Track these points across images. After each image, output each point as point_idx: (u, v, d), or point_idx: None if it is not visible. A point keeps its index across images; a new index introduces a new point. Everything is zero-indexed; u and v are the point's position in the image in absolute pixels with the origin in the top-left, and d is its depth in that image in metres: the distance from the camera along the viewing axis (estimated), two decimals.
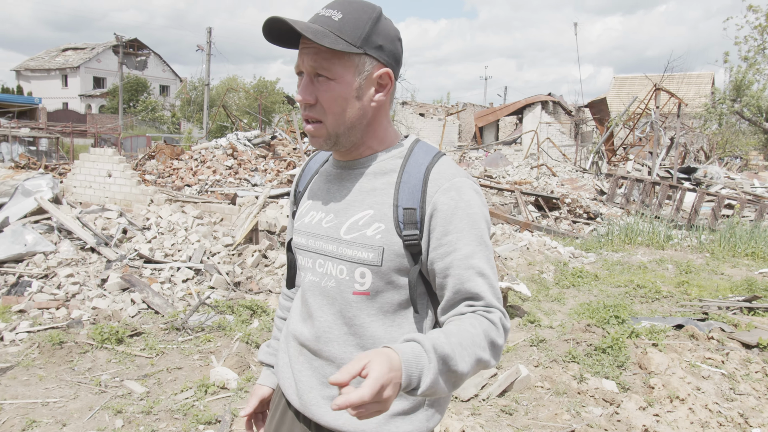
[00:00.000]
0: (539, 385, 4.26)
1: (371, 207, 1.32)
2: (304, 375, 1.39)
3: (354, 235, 1.32)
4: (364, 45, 1.26)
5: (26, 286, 6.03)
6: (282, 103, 38.90)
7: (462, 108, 34.46)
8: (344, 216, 1.35)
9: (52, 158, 24.73)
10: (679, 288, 7.62)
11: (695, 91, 27.80)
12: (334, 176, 1.42)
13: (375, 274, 1.29)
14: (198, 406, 3.83)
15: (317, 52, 1.25)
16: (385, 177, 1.34)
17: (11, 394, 3.91)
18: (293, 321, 1.47)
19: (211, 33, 36.24)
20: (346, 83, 1.28)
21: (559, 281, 7.81)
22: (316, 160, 1.55)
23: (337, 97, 1.28)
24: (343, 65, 1.26)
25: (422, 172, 1.31)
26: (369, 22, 1.27)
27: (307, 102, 1.29)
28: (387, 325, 1.33)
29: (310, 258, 1.40)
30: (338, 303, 1.34)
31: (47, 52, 58.45)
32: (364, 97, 1.30)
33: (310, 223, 1.42)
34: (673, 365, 4.60)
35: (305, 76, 1.29)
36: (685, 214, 13.44)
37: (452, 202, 1.27)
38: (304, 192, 1.51)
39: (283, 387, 1.47)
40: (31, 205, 7.91)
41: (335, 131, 1.31)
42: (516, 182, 16.47)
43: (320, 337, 1.37)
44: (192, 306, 5.74)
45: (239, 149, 14.75)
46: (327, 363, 1.37)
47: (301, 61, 1.29)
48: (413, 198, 1.29)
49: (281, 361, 1.50)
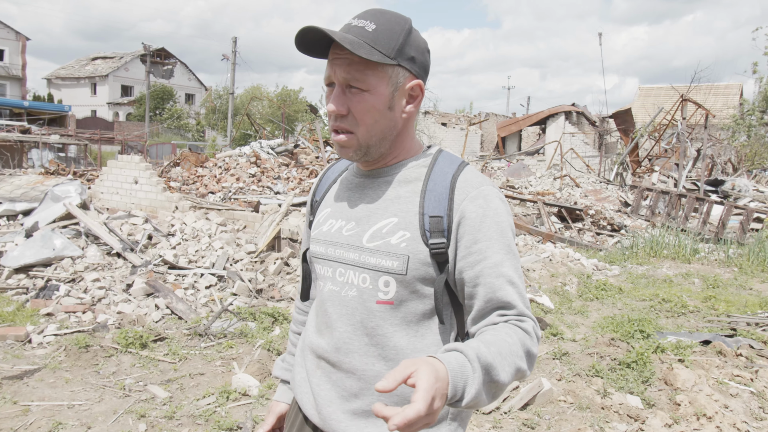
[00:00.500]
0: (562, 399, 4.21)
1: (395, 215, 1.31)
2: (323, 389, 1.36)
3: (378, 243, 1.30)
4: (398, 56, 1.27)
5: (54, 290, 6.14)
6: (305, 112, 39.17)
7: (484, 118, 34.37)
8: (367, 224, 1.33)
9: (80, 165, 25.19)
10: (706, 303, 7.49)
11: (723, 102, 27.39)
12: (356, 185, 1.41)
13: (399, 282, 1.27)
14: (220, 412, 3.86)
15: (350, 63, 1.24)
16: (409, 185, 1.34)
17: (38, 396, 3.98)
18: (309, 334, 1.44)
19: (236, 43, 36.69)
20: (380, 94, 1.27)
21: (582, 294, 7.72)
22: (334, 169, 1.53)
23: (370, 109, 1.27)
24: (377, 76, 1.26)
25: (448, 181, 1.30)
26: (402, 33, 1.27)
27: (340, 113, 1.28)
28: (410, 336, 1.30)
29: (330, 267, 1.37)
30: (360, 313, 1.31)
31: (77, 61, 59.68)
32: (395, 108, 1.31)
33: (329, 232, 1.39)
34: (700, 382, 4.51)
35: (337, 87, 1.28)
36: (712, 228, 13.22)
37: (480, 210, 1.26)
38: (321, 201, 1.49)
39: (300, 402, 1.44)
40: (60, 210, 8.06)
41: (366, 142, 1.31)
42: (539, 193, 16.35)
43: (340, 348, 1.33)
44: (215, 312, 5.79)
45: (262, 157, 14.88)
46: (347, 375, 1.33)
47: (332, 72, 1.27)
48: (440, 206, 1.28)
49: (298, 375, 1.47)
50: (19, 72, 47.14)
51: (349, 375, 1.32)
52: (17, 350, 4.81)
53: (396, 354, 1.30)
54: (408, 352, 1.30)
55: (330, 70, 1.28)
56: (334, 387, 1.34)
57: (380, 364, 1.30)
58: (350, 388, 1.32)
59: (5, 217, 8.90)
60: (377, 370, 1.30)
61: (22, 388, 4.08)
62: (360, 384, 1.31)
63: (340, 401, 1.33)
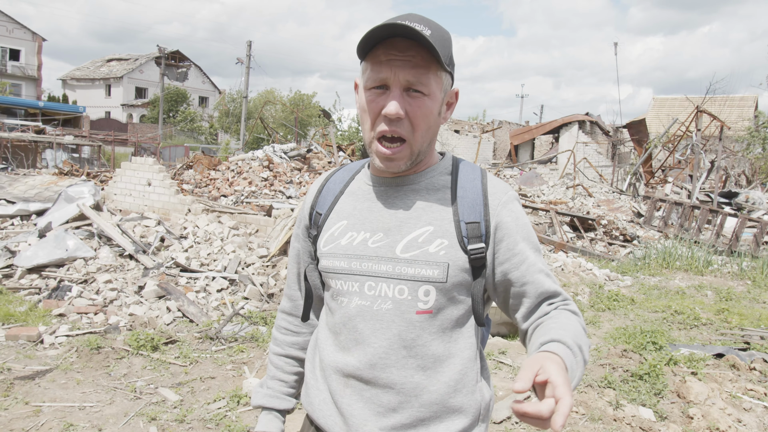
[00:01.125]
0: (573, 411, 4.17)
1: (430, 223, 1.30)
2: (356, 408, 1.31)
3: (415, 253, 1.28)
4: (449, 63, 1.28)
5: (66, 291, 6.18)
6: (318, 117, 39.32)
7: (497, 126, 34.33)
8: (398, 234, 1.31)
9: (94, 166, 25.39)
10: (719, 315, 7.41)
11: (738, 114, 27.20)
12: (377, 194, 1.37)
13: (439, 291, 1.27)
14: (230, 417, 3.86)
15: (414, 65, 1.22)
16: (438, 193, 1.34)
17: (50, 397, 3.99)
18: (329, 353, 1.38)
19: (251, 46, 36.92)
20: (436, 100, 1.28)
21: (594, 304, 7.67)
22: (334, 180, 1.47)
23: (428, 114, 1.27)
24: (436, 80, 1.26)
25: (479, 187, 1.33)
26: (450, 41, 1.28)
27: (400, 116, 1.24)
28: (446, 342, 1.31)
29: (356, 281, 1.32)
30: (396, 325, 1.29)
31: (92, 63, 60.25)
32: (441, 114, 1.33)
33: (350, 245, 1.34)
34: (713, 395, 4.46)
35: (396, 89, 1.23)
36: (725, 240, 13.10)
37: (513, 214, 1.32)
38: (329, 214, 1.42)
39: (325, 425, 1.38)
40: (73, 211, 8.12)
41: (418, 149, 1.30)
42: (551, 202, 16.29)
43: (375, 364, 1.29)
44: (226, 316, 5.80)
45: (275, 161, 14.93)
46: (383, 391, 1.29)
47: (390, 74, 1.22)
48: (475, 212, 1.30)
49: (317, 399, 1.41)
50: (34, 72, 47.66)
51: (386, 390, 1.29)
52: (29, 350, 4.84)
53: (434, 362, 1.30)
54: (444, 359, 1.31)
55: (387, 71, 1.23)
56: (368, 404, 1.31)
57: (419, 375, 1.29)
58: (388, 404, 1.29)
59: (19, 216, 8.97)
60: (416, 382, 1.29)
61: (34, 389, 4.10)
62: (399, 398, 1.29)
63: (377, 418, 1.30)
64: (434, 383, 1.30)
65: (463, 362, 1.32)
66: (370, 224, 1.35)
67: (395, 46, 1.22)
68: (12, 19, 46.56)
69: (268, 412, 1.56)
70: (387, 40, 1.22)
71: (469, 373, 1.33)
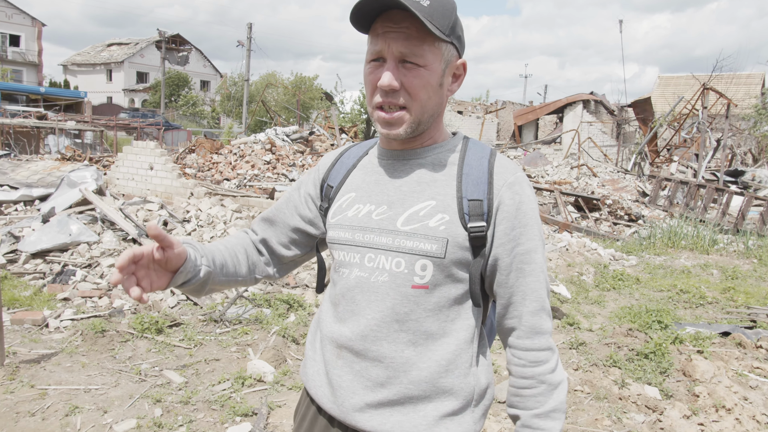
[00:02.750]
0: (579, 389, 4.17)
1: (433, 198, 1.29)
2: (345, 380, 1.33)
3: (414, 226, 1.28)
4: (451, 34, 1.25)
5: (70, 275, 6.18)
6: (320, 100, 39.13)
7: (501, 106, 34.13)
8: (401, 207, 1.31)
9: (96, 151, 25.37)
10: (725, 294, 7.38)
11: (744, 91, 26.91)
12: (384, 167, 1.38)
13: (437, 266, 1.26)
14: (235, 398, 3.86)
15: (407, 37, 1.22)
16: (444, 169, 1.33)
17: (55, 380, 4.00)
18: (327, 324, 1.39)
19: (251, 29, 36.64)
20: (434, 71, 1.26)
21: (599, 283, 7.65)
22: (349, 154, 1.49)
23: (425, 85, 1.25)
24: (433, 52, 1.25)
25: (485, 166, 1.31)
26: (453, 11, 1.26)
27: (393, 87, 1.24)
28: (441, 321, 1.30)
29: (357, 253, 1.33)
30: (391, 298, 1.28)
31: (93, 48, 59.98)
32: (444, 85, 1.30)
33: (356, 216, 1.35)
34: (719, 374, 4.45)
35: (390, 61, 1.24)
36: (731, 219, 13.04)
37: (517, 197, 1.29)
38: (340, 186, 1.43)
39: (315, 396, 1.40)
40: (76, 196, 8.10)
41: (419, 119, 1.28)
42: (555, 182, 16.22)
43: (367, 336, 1.30)
44: (230, 299, 5.80)
45: (277, 144, 14.88)
46: (373, 364, 1.30)
47: (385, 46, 1.23)
48: (479, 190, 1.28)
49: (311, 369, 1.43)
50: (35, 58, 47.48)
51: (375, 363, 1.30)
52: (34, 334, 4.85)
53: (426, 339, 1.29)
54: (437, 337, 1.30)
55: (382, 44, 1.24)
56: (357, 377, 1.31)
57: (410, 350, 1.29)
58: (376, 378, 1.29)
59: (22, 202, 8.97)
60: (406, 357, 1.29)
61: (40, 372, 4.11)
62: (387, 372, 1.29)
63: (365, 392, 1.30)
64: (425, 360, 1.29)
65: (458, 343, 1.31)
66: (376, 197, 1.35)
67: (391, 18, 1.22)
68: (11, 4, 46.29)
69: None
70: (385, 13, 1.23)
71: (463, 355, 1.32)
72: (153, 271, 1.23)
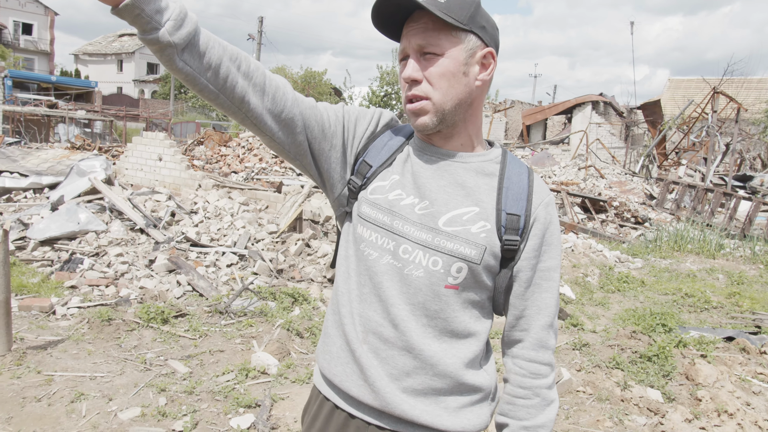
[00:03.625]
0: (581, 390, 4.17)
1: (477, 204, 1.33)
2: (372, 365, 1.32)
3: (457, 229, 1.30)
4: (470, 23, 1.28)
5: (78, 263, 6.22)
6: (329, 95, 39.11)
7: (510, 105, 34.04)
8: (444, 207, 1.32)
9: (105, 140, 25.47)
10: (730, 299, 7.36)
11: (755, 96, 26.73)
12: (427, 162, 1.37)
13: (470, 270, 1.30)
14: (239, 390, 3.89)
15: (425, 29, 1.27)
16: (487, 178, 1.36)
17: (62, 367, 4.04)
18: (354, 301, 1.36)
19: (262, 22, 36.66)
20: (454, 58, 1.28)
21: (603, 285, 7.64)
22: (390, 135, 1.43)
23: (445, 72, 1.28)
24: (450, 41, 1.27)
25: (525, 182, 1.36)
26: (473, 4, 1.29)
27: (414, 78, 1.29)
28: (465, 321, 1.35)
29: (393, 240, 1.32)
30: (424, 294, 1.31)
31: (104, 38, 60.14)
32: (469, 74, 1.31)
33: (396, 203, 1.34)
34: (722, 378, 4.44)
35: (412, 55, 1.30)
36: (738, 224, 12.98)
37: (549, 217, 1.36)
38: (383, 167, 1.39)
39: (337, 376, 1.37)
40: (85, 185, 8.16)
41: (442, 107, 1.30)
42: (562, 183, 16.19)
43: (398, 325, 1.31)
44: (235, 291, 5.83)
45: None
46: (400, 353, 1.31)
47: (407, 43, 1.30)
48: (518, 205, 1.33)
49: (334, 346, 1.39)
50: (47, 47, 47.66)
51: (403, 353, 1.32)
52: (42, 321, 4.89)
53: (451, 337, 1.34)
54: (463, 336, 1.34)
55: (405, 42, 1.30)
56: (383, 364, 1.32)
57: (436, 344, 1.32)
58: (403, 367, 1.32)
59: (32, 190, 9.03)
60: (434, 350, 1.32)
61: (46, 359, 4.15)
62: (415, 362, 1.32)
63: (389, 380, 1.32)
64: (450, 357, 1.33)
65: (478, 343, 1.37)
66: (418, 190, 1.35)
67: (413, 19, 1.29)
68: None
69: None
70: (408, 16, 1.30)
71: (480, 354, 1.39)
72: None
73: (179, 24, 1.11)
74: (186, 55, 1.15)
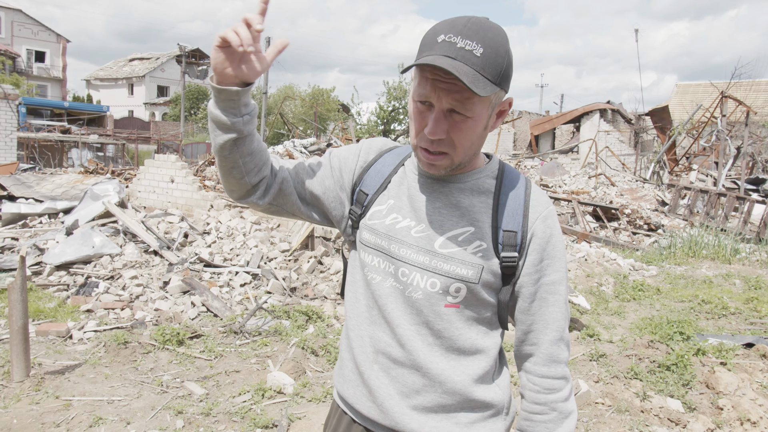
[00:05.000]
0: (600, 402, 4.13)
1: (471, 224, 1.33)
2: (382, 383, 1.36)
3: (453, 250, 1.31)
4: (502, 81, 1.23)
5: (94, 287, 6.27)
6: (337, 111, 39.32)
7: (517, 116, 34.05)
8: (440, 229, 1.34)
9: (118, 164, 25.72)
10: (748, 305, 7.28)
11: (764, 98, 26.54)
12: (423, 185, 1.38)
13: (469, 290, 1.32)
14: (255, 410, 3.89)
15: (458, 90, 1.19)
16: (482, 196, 1.36)
17: (79, 391, 4.06)
18: (363, 324, 1.40)
19: (269, 43, 37.00)
20: (480, 120, 1.26)
21: (618, 294, 7.58)
22: (383, 162, 1.45)
23: (470, 134, 1.26)
24: (482, 103, 1.23)
25: (521, 197, 1.35)
26: (506, 55, 1.22)
27: (438, 138, 1.24)
28: (472, 338, 1.36)
29: (392, 264, 1.36)
30: (425, 314, 1.33)
31: (115, 62, 60.99)
32: (488, 125, 1.31)
33: (393, 227, 1.37)
34: (744, 386, 4.39)
35: (438, 112, 1.23)
36: (753, 227, 12.85)
37: (549, 230, 1.34)
38: (378, 194, 1.42)
39: (351, 396, 1.42)
40: (99, 208, 8.24)
41: (460, 161, 1.30)
42: (573, 192, 16.13)
43: (405, 344, 1.34)
44: (249, 310, 5.84)
45: (295, 156, 14.97)
46: (410, 371, 1.35)
47: (434, 95, 1.21)
48: (514, 221, 1.33)
49: (347, 369, 1.44)
50: (59, 73, 48.38)
51: (412, 371, 1.34)
52: (59, 346, 4.93)
53: (458, 354, 1.35)
54: (470, 353, 1.36)
55: (431, 91, 1.21)
56: (393, 383, 1.36)
57: (444, 362, 1.34)
58: (412, 385, 1.34)
59: (47, 215, 9.13)
60: (441, 368, 1.34)
61: (64, 383, 4.18)
62: (423, 381, 1.34)
63: (400, 397, 1.35)
64: (458, 374, 1.34)
65: (487, 359, 1.37)
66: (415, 213, 1.37)
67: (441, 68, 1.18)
68: (37, 22, 47.30)
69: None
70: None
71: (491, 371, 1.39)
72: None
73: (250, 119, 1.32)
74: (239, 142, 1.32)
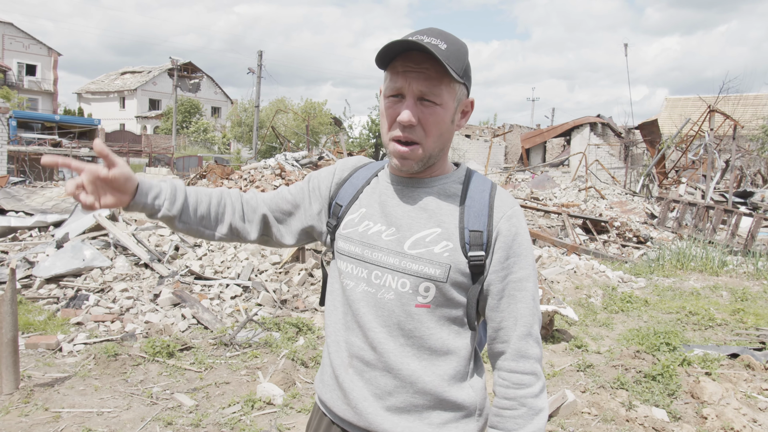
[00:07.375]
0: (586, 411, 4.18)
1: (438, 225, 1.40)
2: (357, 386, 1.42)
3: (420, 251, 1.38)
4: (464, 76, 1.37)
5: (84, 300, 6.28)
6: (329, 125, 39.46)
7: (508, 129, 34.29)
8: (409, 231, 1.40)
9: None
10: (735, 316, 7.36)
11: (752, 112, 26.90)
12: (394, 191, 1.46)
13: (438, 289, 1.37)
14: (245, 421, 3.91)
15: (427, 77, 1.32)
16: (449, 199, 1.43)
17: (69, 403, 4.07)
18: (339, 329, 1.48)
19: (261, 56, 37.19)
20: (448, 109, 1.37)
21: (607, 306, 7.65)
22: (357, 176, 1.56)
23: (440, 122, 1.36)
24: (449, 92, 1.36)
25: (486, 199, 1.42)
26: (467, 55, 1.38)
27: (411, 123, 1.34)
28: (443, 338, 1.41)
29: (365, 268, 1.43)
30: (397, 315, 1.39)
31: (107, 76, 61.00)
32: (454, 121, 1.42)
33: (365, 233, 1.45)
34: (728, 395, 4.45)
35: (409, 99, 1.34)
36: (740, 240, 12.99)
37: (514, 229, 1.40)
38: (351, 204, 1.51)
39: (328, 400, 1.49)
40: (90, 221, 8.24)
41: (430, 153, 1.39)
42: (563, 204, 16.24)
43: (376, 347, 1.40)
44: (240, 322, 5.86)
45: (287, 169, 15.02)
46: (382, 374, 1.40)
47: (405, 84, 1.33)
48: (480, 221, 1.39)
49: (325, 375, 1.53)
50: (50, 87, 48.35)
51: (384, 373, 1.40)
52: (48, 358, 4.93)
53: (430, 355, 1.40)
54: (441, 353, 1.40)
55: (402, 81, 1.34)
56: (367, 385, 1.41)
57: (415, 363, 1.39)
58: (385, 386, 1.40)
59: (37, 228, 9.12)
60: (412, 369, 1.39)
61: (53, 395, 4.18)
62: (395, 382, 1.40)
63: (374, 399, 1.40)
64: (429, 374, 1.39)
65: (459, 360, 1.42)
66: (386, 218, 1.44)
67: (412, 59, 1.32)
68: (28, 35, 47.33)
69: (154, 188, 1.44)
70: (405, 53, 1.33)
71: (463, 371, 1.43)
72: (104, 190, 1.32)
73: (173, 201, 1.42)
74: (183, 216, 1.45)
